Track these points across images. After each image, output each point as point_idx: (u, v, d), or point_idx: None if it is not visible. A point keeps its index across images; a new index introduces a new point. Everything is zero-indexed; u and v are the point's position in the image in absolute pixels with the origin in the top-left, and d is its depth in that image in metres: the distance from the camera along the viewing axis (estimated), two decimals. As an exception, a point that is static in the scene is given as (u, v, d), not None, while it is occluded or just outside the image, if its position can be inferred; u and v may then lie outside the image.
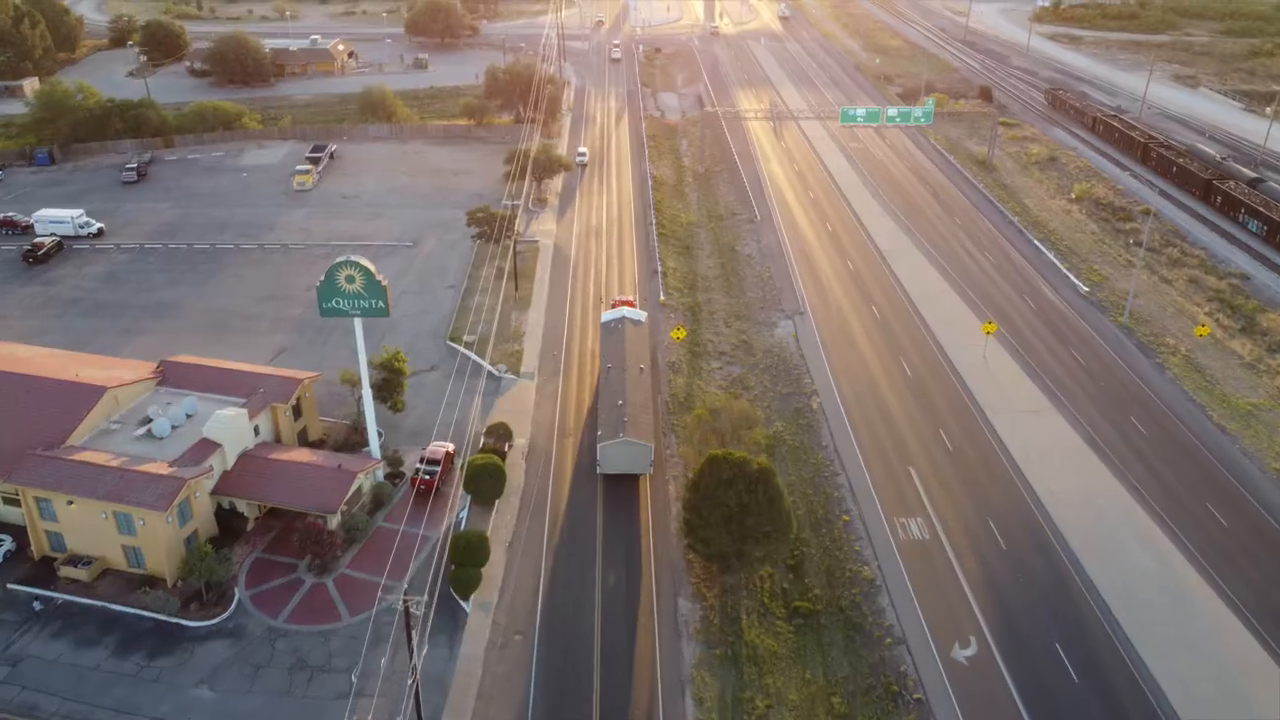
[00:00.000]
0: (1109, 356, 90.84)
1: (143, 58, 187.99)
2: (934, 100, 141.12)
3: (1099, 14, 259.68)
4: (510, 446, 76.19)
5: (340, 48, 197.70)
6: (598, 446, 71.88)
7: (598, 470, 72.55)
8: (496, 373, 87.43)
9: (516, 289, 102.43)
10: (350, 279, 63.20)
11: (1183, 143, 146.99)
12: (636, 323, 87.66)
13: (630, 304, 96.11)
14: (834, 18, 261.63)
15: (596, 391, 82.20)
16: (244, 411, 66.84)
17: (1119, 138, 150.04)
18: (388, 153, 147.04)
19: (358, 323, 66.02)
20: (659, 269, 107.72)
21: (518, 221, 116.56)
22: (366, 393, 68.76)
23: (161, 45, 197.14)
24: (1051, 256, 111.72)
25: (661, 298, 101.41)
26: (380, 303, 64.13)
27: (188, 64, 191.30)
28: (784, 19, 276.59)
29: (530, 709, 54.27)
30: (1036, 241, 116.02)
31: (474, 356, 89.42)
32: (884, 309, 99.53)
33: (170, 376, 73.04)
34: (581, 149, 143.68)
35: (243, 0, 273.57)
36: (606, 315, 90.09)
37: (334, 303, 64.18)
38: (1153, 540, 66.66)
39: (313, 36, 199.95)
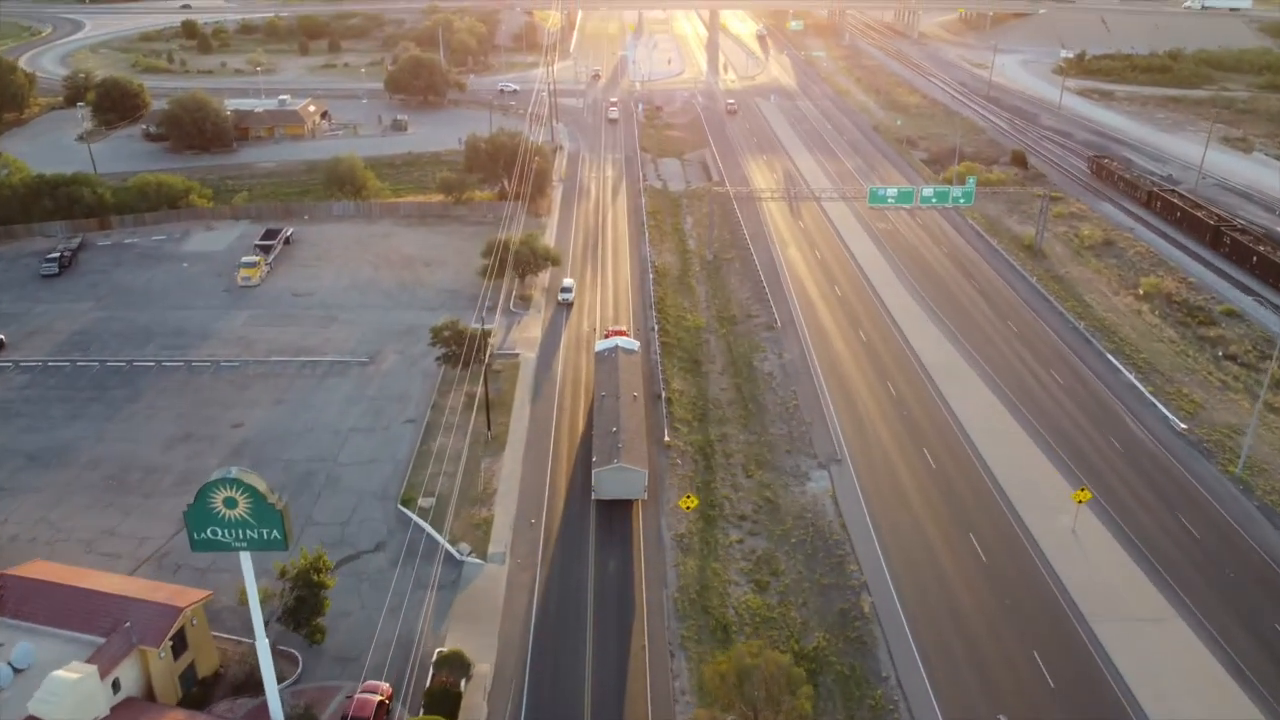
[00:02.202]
0: (1228, 527, 72.28)
1: (86, 124, 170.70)
2: (974, 179, 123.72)
3: (1127, 66, 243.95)
4: (469, 680, 57.51)
5: (311, 109, 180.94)
6: (593, 472, 73.18)
7: (593, 496, 73.43)
8: (458, 555, 68.81)
9: (489, 426, 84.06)
10: (231, 502, 44.73)
11: (1259, 225, 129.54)
12: (630, 352, 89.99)
13: (623, 333, 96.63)
14: (846, 72, 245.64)
15: (590, 419, 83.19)
16: (92, 672, 48.16)
17: (1181, 217, 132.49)
18: (352, 236, 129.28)
19: (246, 558, 47.35)
20: (663, 393, 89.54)
21: (495, 327, 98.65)
22: (263, 648, 49.70)
23: (117, 105, 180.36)
24: (1131, 377, 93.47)
25: (666, 437, 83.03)
26: (275, 533, 45.58)
27: (144, 126, 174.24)
28: (761, 38, 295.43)
29: None
30: (1109, 354, 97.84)
31: (429, 529, 70.83)
32: (940, 454, 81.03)
33: (9, 599, 54.38)
34: (567, 282, 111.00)
35: (217, 52, 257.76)
36: (600, 345, 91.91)
37: (209, 533, 45.64)
38: None
39: (281, 96, 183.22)
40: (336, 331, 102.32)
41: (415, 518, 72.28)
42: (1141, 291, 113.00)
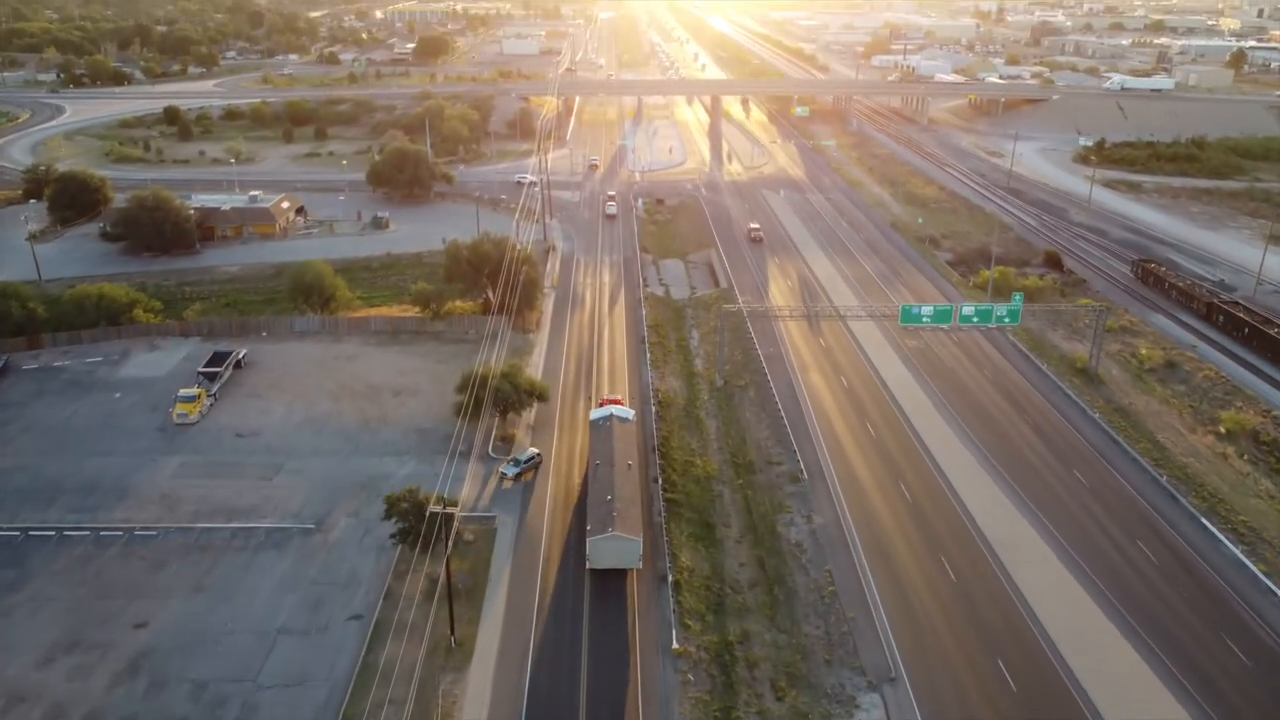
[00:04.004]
0: None
1: (31, 225, 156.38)
2: (1020, 296, 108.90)
3: (1150, 154, 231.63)
4: None
5: (285, 205, 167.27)
6: (587, 541, 72.12)
7: (587, 565, 72.33)
8: (399, 840, 51.85)
9: (453, 630, 67.43)
10: None
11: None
12: (625, 420, 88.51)
13: (619, 402, 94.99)
14: (857, 161, 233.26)
15: (584, 487, 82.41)
16: None
17: (1250, 334, 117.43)
18: (314, 358, 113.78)
19: None
20: (668, 573, 73.21)
21: (462, 498, 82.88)
22: None
23: (75, 201, 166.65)
24: (1236, 550, 77.11)
25: (675, 644, 66.37)
26: None
27: (101, 225, 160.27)
28: (744, 102, 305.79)
29: None
30: (1201, 517, 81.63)
31: (366, 796, 54.00)
32: (1020, 672, 64.28)
33: None
34: (529, 452, 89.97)
35: (198, 139, 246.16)
36: (595, 414, 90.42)
37: None
38: None
39: (253, 192, 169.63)
40: (280, 486, 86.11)
41: (348, 776, 55.43)
42: (1223, 429, 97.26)
